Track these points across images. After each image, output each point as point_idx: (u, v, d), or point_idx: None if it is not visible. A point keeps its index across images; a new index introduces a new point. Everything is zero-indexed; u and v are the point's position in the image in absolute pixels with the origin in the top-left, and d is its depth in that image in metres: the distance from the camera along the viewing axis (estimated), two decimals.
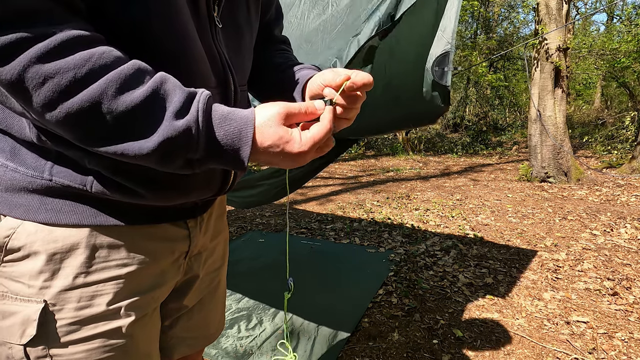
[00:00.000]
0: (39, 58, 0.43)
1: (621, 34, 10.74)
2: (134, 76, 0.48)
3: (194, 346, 0.88)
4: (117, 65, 0.48)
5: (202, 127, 0.50)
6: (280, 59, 0.85)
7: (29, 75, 0.43)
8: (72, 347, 0.59)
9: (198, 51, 0.60)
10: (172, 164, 0.52)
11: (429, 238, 3.57)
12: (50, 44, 0.44)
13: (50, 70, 0.44)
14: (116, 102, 0.47)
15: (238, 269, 2.77)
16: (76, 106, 0.45)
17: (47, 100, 0.45)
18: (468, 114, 14.08)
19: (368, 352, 1.90)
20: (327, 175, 7.38)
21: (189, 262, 0.77)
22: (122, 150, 0.49)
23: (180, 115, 0.49)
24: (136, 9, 0.52)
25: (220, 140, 0.52)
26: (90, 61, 0.46)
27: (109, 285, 0.61)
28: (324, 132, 0.57)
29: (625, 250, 3.11)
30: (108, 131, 0.48)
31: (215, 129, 0.52)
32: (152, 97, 0.49)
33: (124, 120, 0.48)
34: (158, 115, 0.49)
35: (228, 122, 0.52)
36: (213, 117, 0.52)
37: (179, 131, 0.49)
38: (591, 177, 5.78)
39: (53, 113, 0.46)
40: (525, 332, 2.05)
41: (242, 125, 0.53)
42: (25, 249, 0.57)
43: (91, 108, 0.46)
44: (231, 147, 0.53)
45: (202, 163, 0.54)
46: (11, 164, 0.57)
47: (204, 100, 0.52)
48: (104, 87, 0.46)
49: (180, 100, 0.50)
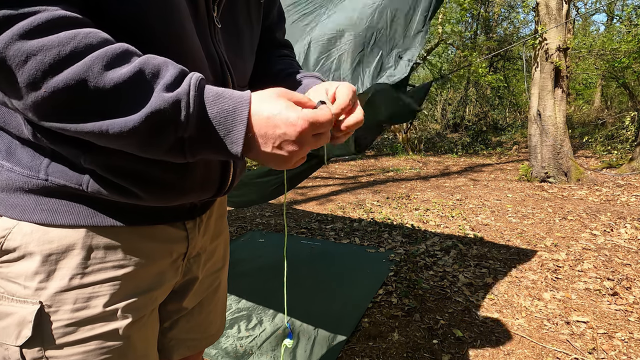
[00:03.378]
0: (21, 35, 0.42)
1: (621, 34, 10.73)
2: (120, 55, 0.47)
3: (193, 348, 0.88)
4: (103, 45, 0.47)
5: (193, 102, 0.48)
6: (281, 65, 0.84)
7: (11, 53, 0.42)
8: (68, 348, 0.58)
9: (196, 50, 0.60)
10: (159, 144, 0.50)
11: (429, 238, 3.57)
12: (33, 22, 0.43)
13: (32, 47, 0.43)
14: (102, 79, 0.45)
15: (238, 269, 2.77)
16: (61, 84, 0.44)
17: (31, 79, 0.44)
18: (468, 114, 14.08)
19: (368, 352, 1.89)
20: (327, 175, 7.38)
21: (188, 264, 0.77)
22: (107, 127, 0.47)
23: (170, 89, 0.48)
24: (133, 6, 0.52)
25: (213, 118, 0.49)
26: (75, 39, 0.45)
27: (106, 287, 0.60)
28: (326, 115, 0.54)
29: (625, 250, 3.11)
30: (92, 110, 0.46)
31: (208, 106, 0.49)
32: (140, 73, 0.47)
33: (110, 97, 0.46)
34: (147, 90, 0.47)
35: (222, 100, 0.50)
36: (206, 94, 0.50)
37: (167, 102, 0.47)
38: (591, 177, 5.78)
39: (38, 93, 0.44)
40: (525, 332, 2.05)
41: (237, 104, 0.50)
42: (20, 250, 0.57)
43: (76, 85, 0.45)
44: (224, 126, 0.50)
45: (193, 145, 0.51)
46: (7, 164, 0.56)
47: (197, 77, 0.50)
48: (89, 65, 0.45)
49: (172, 75, 0.49)
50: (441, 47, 13.93)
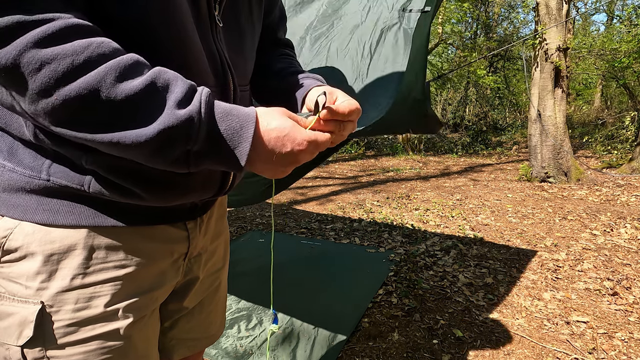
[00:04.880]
0: (36, 43, 0.43)
1: (621, 34, 10.73)
2: (132, 66, 0.48)
3: (194, 347, 0.88)
4: (115, 56, 0.47)
5: (204, 118, 0.50)
6: (282, 64, 0.84)
7: (25, 60, 0.42)
8: (70, 348, 0.59)
9: (197, 49, 0.60)
10: (167, 157, 0.50)
11: (429, 238, 3.57)
12: (48, 30, 0.43)
13: (47, 55, 0.43)
14: (115, 90, 0.46)
15: (238, 269, 2.77)
16: (73, 93, 0.44)
17: (44, 87, 0.44)
18: (468, 114, 14.08)
19: (368, 352, 1.89)
20: (327, 175, 7.38)
21: (189, 264, 0.77)
22: (119, 139, 0.47)
23: (182, 105, 0.49)
24: (137, 10, 0.52)
25: (222, 133, 0.51)
26: (89, 49, 0.45)
27: (107, 287, 0.60)
28: (325, 137, 0.58)
29: (625, 250, 3.11)
30: (104, 119, 0.47)
31: (218, 123, 0.51)
32: (152, 87, 0.48)
33: (122, 108, 0.46)
34: (159, 104, 0.48)
35: (230, 117, 0.52)
36: (216, 111, 0.52)
37: (180, 120, 0.48)
38: (591, 177, 5.78)
39: (49, 100, 0.45)
40: (525, 332, 2.05)
41: (244, 121, 0.52)
42: (22, 250, 0.57)
43: (89, 95, 0.45)
44: (231, 142, 0.52)
45: (199, 158, 0.52)
46: (9, 164, 0.56)
47: (206, 94, 0.51)
48: (102, 75, 0.45)
49: (182, 91, 0.50)
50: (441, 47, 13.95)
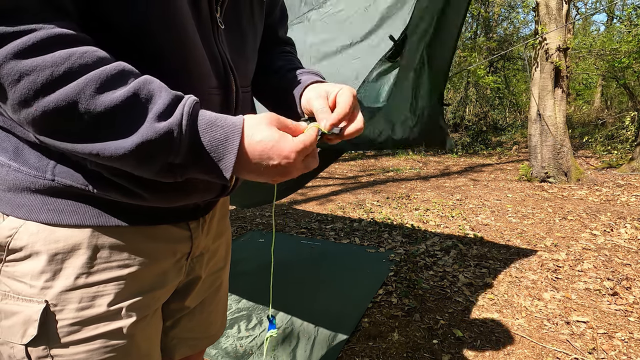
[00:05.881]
0: (16, 54, 0.43)
1: (621, 34, 10.73)
2: (115, 77, 0.47)
3: (195, 347, 0.88)
4: (99, 65, 0.47)
5: (185, 131, 0.49)
6: (282, 62, 0.84)
7: (5, 71, 0.43)
8: (73, 347, 0.59)
9: (198, 52, 0.60)
10: (149, 168, 0.50)
11: (429, 238, 3.57)
12: (29, 41, 0.43)
13: (26, 67, 0.43)
14: (94, 102, 0.45)
15: (238, 269, 2.77)
16: (52, 105, 0.45)
17: (23, 98, 0.44)
18: (468, 114, 14.07)
19: (368, 352, 1.90)
20: (327, 175, 7.38)
21: (191, 263, 0.77)
22: (98, 150, 0.47)
23: (162, 118, 0.48)
24: (137, 16, 0.52)
25: (204, 146, 0.50)
26: (70, 60, 0.45)
27: (110, 286, 0.61)
28: (312, 138, 0.56)
29: (625, 250, 3.12)
30: (84, 131, 0.47)
31: (201, 134, 0.50)
32: (134, 99, 0.47)
33: (101, 121, 0.46)
34: (139, 116, 0.47)
35: (214, 128, 0.50)
36: (199, 122, 0.50)
37: (159, 133, 0.47)
38: (591, 177, 5.78)
39: (29, 110, 0.45)
40: (525, 332, 2.05)
41: (229, 133, 0.51)
42: (27, 249, 0.57)
43: (67, 107, 0.45)
44: (215, 154, 0.51)
45: (184, 170, 0.52)
46: (14, 164, 0.57)
47: (190, 104, 0.50)
48: (82, 86, 0.45)
49: (164, 103, 0.49)
50: None
